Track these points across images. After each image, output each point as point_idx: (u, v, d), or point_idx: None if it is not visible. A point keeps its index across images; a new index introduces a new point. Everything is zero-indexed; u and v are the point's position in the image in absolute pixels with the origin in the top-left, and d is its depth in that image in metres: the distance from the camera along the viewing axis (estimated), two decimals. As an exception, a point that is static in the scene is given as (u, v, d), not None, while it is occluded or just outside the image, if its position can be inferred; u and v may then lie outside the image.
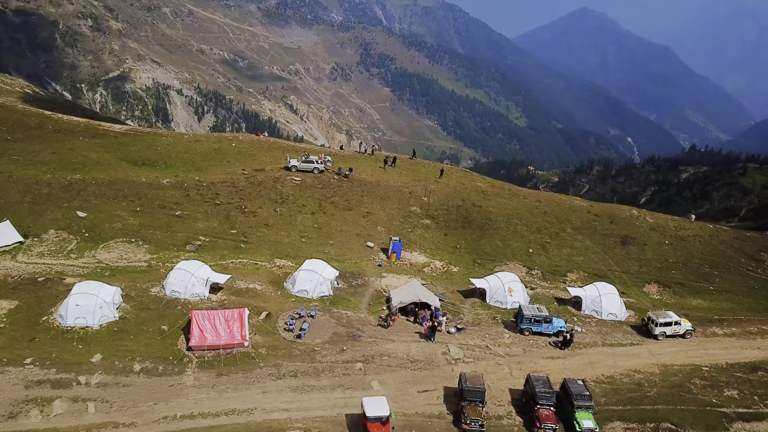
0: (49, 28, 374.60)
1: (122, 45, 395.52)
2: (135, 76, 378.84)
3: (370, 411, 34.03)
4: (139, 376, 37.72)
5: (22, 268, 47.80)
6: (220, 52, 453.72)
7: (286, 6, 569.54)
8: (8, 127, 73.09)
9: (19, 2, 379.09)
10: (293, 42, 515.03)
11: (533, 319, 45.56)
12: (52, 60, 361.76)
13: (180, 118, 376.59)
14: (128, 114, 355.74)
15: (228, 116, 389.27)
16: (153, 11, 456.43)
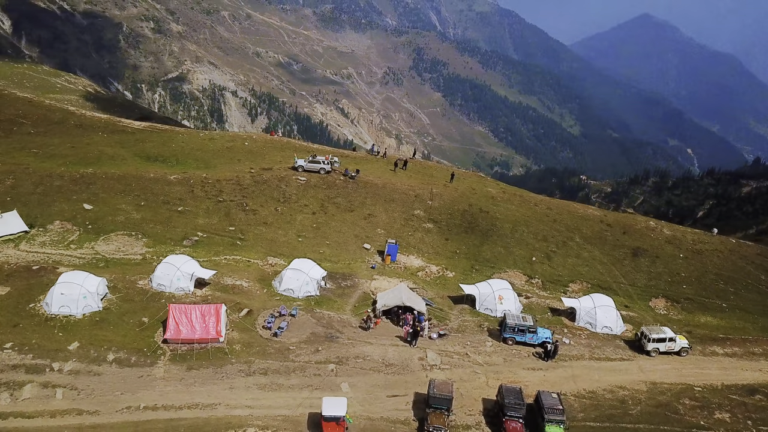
0: (113, 30, 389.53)
1: (182, 47, 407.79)
2: (192, 77, 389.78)
3: (327, 410, 33.93)
4: (112, 365, 38.33)
5: (21, 257, 49.39)
6: (275, 55, 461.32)
7: (341, 10, 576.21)
8: (32, 121, 76.03)
9: (87, 5, 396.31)
10: (347, 46, 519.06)
11: (517, 328, 44.26)
12: (116, 61, 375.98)
13: (234, 119, 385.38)
14: (185, 114, 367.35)
15: (280, 118, 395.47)
16: (212, 14, 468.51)
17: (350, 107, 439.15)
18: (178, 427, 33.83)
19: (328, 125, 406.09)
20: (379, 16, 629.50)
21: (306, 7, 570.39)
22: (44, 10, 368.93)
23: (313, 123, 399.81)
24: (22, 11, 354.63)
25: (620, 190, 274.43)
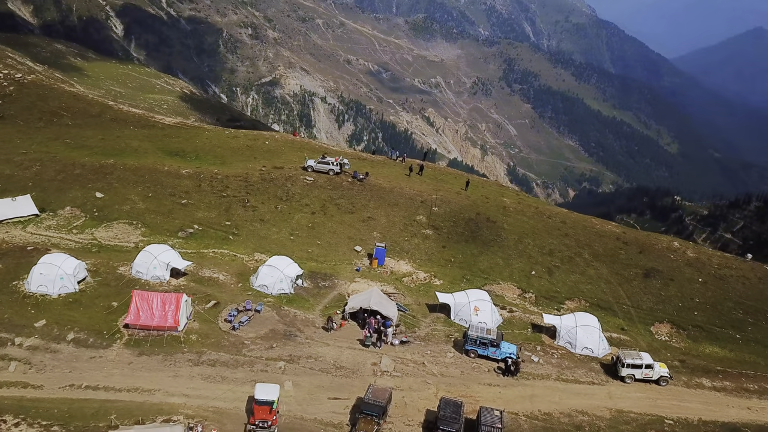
0: (214, 36, 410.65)
1: (276, 53, 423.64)
2: (285, 82, 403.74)
3: (260, 395, 34.49)
4: (69, 344, 39.89)
5: (23, 237, 52.42)
6: (365, 63, 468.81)
7: (433, 20, 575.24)
8: (72, 113, 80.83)
9: (191, 12, 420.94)
10: (436, 55, 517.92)
11: (479, 340, 42.45)
12: (214, 64, 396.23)
13: (321, 125, 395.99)
14: (275, 118, 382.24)
15: (366, 125, 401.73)
16: (307, 22, 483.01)
17: (436, 116, 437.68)
18: (110, 409, 34.62)
19: (412, 134, 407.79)
20: (472, 26, 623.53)
21: (398, 16, 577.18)
22: (153, 15, 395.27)
23: (398, 131, 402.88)
24: (134, 17, 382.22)
25: (718, 213, 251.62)
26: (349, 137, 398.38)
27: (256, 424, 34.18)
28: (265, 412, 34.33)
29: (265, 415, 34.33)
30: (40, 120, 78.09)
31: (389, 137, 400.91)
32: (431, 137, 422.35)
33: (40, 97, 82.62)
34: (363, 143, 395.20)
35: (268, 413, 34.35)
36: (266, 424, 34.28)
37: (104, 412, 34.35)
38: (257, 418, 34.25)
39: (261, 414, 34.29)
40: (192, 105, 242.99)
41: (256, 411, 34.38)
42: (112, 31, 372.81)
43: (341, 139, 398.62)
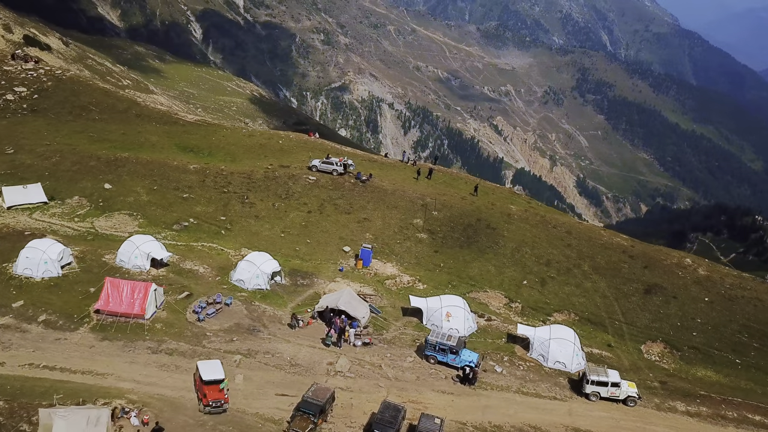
0: (287, 41, 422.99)
1: (347, 58, 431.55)
2: (353, 88, 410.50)
3: (206, 375, 35.37)
4: (39, 326, 41.55)
5: (26, 223, 55.10)
6: (434, 70, 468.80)
7: (506, 28, 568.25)
8: (101, 108, 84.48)
9: (267, 17, 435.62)
10: (508, 63, 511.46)
11: (438, 346, 41.43)
12: (286, 69, 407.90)
13: (387, 130, 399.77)
14: (342, 123, 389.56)
15: (432, 132, 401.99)
16: (379, 29, 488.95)
17: (505, 125, 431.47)
18: (59, 389, 35.65)
19: (479, 141, 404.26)
20: (546, 35, 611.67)
21: (471, 23, 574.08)
22: (230, 20, 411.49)
23: (464, 138, 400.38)
24: (212, 21, 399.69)
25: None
26: (415, 143, 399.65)
27: (210, 404, 34.91)
28: (216, 391, 35.18)
29: (217, 395, 35.15)
30: (70, 114, 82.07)
31: (455, 145, 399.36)
32: (498, 146, 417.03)
33: (74, 93, 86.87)
34: (428, 150, 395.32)
35: (219, 392, 35.21)
36: (220, 404, 35.16)
37: (53, 391, 35.33)
38: (210, 398, 34.96)
39: (213, 394, 35.07)
40: (260, 107, 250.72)
41: (207, 392, 35.07)
42: (192, 35, 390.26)
43: (406, 145, 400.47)
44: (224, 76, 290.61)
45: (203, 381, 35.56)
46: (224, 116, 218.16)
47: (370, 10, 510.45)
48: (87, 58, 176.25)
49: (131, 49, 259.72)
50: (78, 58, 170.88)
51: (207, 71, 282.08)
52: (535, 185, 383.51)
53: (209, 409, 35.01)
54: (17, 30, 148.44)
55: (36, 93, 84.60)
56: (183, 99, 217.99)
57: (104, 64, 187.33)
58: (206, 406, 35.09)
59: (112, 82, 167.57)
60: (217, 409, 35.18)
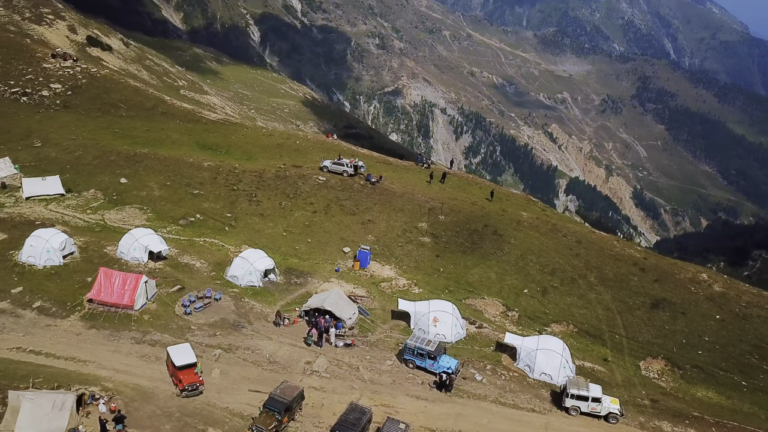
0: (343, 45, 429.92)
1: (401, 63, 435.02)
2: (406, 92, 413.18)
3: (179, 360, 36.63)
4: (33, 312, 43.07)
5: (40, 213, 57.23)
6: (489, 76, 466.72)
7: (564, 34, 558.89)
8: (129, 106, 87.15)
9: (323, 21, 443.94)
10: (565, 70, 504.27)
11: (416, 351, 40.84)
12: (341, 73, 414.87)
13: (439, 135, 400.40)
14: (394, 127, 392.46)
15: (485, 138, 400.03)
16: (434, 34, 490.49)
17: (559, 133, 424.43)
18: (39, 373, 36.84)
19: (532, 149, 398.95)
20: (606, 41, 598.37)
21: (528, 29, 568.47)
22: (288, 24, 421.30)
23: (517, 145, 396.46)
24: (270, 25, 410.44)
25: None
26: (466, 149, 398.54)
27: (186, 388, 36.05)
28: (190, 374, 36.37)
29: (192, 378, 36.34)
30: (99, 110, 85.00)
31: (508, 151, 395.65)
32: (552, 153, 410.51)
33: (105, 90, 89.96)
34: (480, 156, 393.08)
35: (194, 375, 36.44)
36: (196, 386, 36.39)
37: (34, 375, 36.57)
38: (186, 383, 36.09)
39: (188, 378, 36.24)
40: (312, 110, 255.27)
41: (182, 377, 36.19)
42: (250, 38, 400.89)
43: (458, 150, 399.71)
44: (278, 78, 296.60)
45: (176, 367, 36.65)
46: (276, 118, 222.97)
47: (426, 15, 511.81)
48: (146, 58, 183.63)
49: (190, 51, 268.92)
50: (137, 59, 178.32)
51: (262, 73, 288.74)
52: (589, 195, 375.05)
53: (186, 393, 36.20)
54: (81, 31, 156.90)
55: (70, 90, 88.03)
56: (237, 100, 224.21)
57: (162, 65, 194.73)
58: (183, 390, 36.24)
59: (168, 82, 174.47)
60: (194, 392, 36.47)
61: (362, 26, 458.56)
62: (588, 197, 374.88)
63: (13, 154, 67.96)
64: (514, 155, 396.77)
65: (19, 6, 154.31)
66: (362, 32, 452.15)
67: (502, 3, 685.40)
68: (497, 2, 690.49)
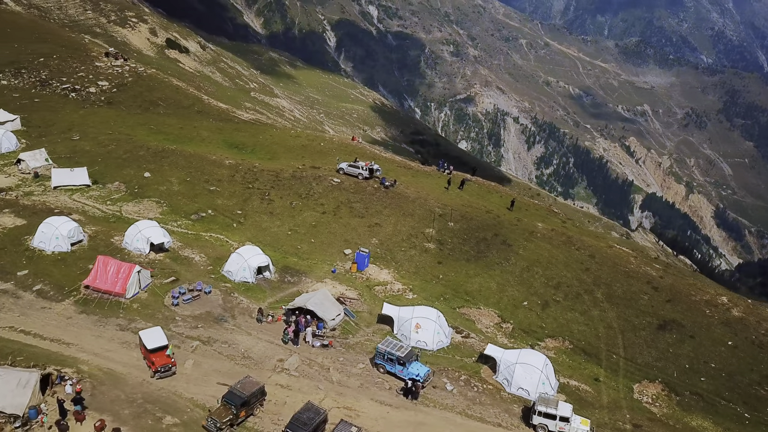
0: (416, 51, 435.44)
1: (474, 71, 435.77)
2: (479, 100, 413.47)
3: (150, 344, 38.25)
4: (32, 294, 45.36)
5: (62, 202, 60.26)
6: (565, 86, 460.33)
7: (648, 44, 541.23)
8: (167, 104, 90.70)
9: (399, 28, 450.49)
10: (646, 82, 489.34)
11: (386, 356, 40.38)
12: (413, 79, 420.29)
13: (510, 144, 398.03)
14: (464, 134, 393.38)
15: (557, 149, 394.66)
16: (510, 42, 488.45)
17: (637, 146, 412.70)
18: (24, 352, 38.78)
19: (607, 162, 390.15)
20: (693, 53, 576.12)
21: (609, 39, 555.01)
22: (363, 30, 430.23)
23: (592, 158, 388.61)
24: (346, 31, 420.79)
25: None
26: (538, 159, 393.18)
27: (159, 370, 37.57)
28: (161, 357, 37.88)
29: (164, 361, 37.88)
30: (140, 107, 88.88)
31: (581, 163, 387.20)
32: (629, 167, 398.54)
33: (148, 88, 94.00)
34: (552, 167, 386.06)
35: (166, 357, 37.99)
36: (168, 368, 37.92)
37: (18, 353, 38.58)
38: (158, 364, 37.62)
39: (159, 360, 37.76)
40: (381, 115, 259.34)
41: (155, 359, 37.76)
42: (326, 44, 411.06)
43: (529, 161, 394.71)
44: (349, 83, 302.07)
45: (148, 350, 38.17)
46: (345, 122, 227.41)
47: (503, 23, 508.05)
48: (220, 61, 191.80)
49: (266, 55, 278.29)
50: (212, 61, 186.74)
51: (333, 78, 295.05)
52: (666, 212, 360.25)
53: (159, 375, 37.70)
54: (161, 34, 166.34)
55: (115, 87, 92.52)
56: (307, 104, 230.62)
57: (235, 67, 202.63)
58: (156, 372, 37.70)
59: (240, 84, 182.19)
60: (166, 373, 37.99)
61: (437, 33, 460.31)
62: (665, 214, 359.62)
63: (52, 146, 71.99)
64: (588, 168, 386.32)
65: (106, 9, 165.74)
66: (437, 39, 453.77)
67: (583, 12, 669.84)
68: (578, 11, 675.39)
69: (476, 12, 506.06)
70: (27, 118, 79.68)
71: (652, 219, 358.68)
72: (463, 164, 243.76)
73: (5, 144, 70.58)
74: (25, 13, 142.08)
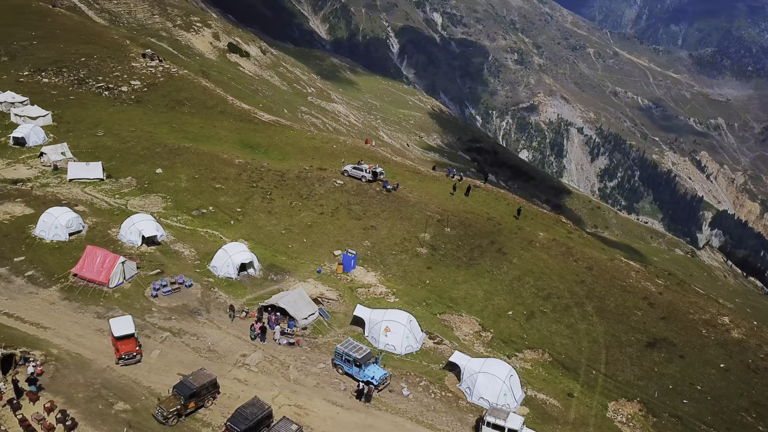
0: (480, 59, 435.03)
1: (538, 79, 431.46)
2: (542, 110, 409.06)
3: (118, 331, 39.68)
4: (23, 279, 47.64)
5: (72, 194, 62.98)
6: (633, 97, 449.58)
7: (725, 55, 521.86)
8: (193, 103, 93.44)
9: (463, 35, 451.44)
10: (721, 94, 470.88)
11: (344, 356, 40.30)
12: (475, 87, 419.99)
13: (573, 155, 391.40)
14: (526, 144, 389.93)
15: (623, 161, 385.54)
16: (577, 51, 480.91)
17: (709, 161, 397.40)
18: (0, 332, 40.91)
19: (676, 176, 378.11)
20: None
21: (683, 49, 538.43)
22: (426, 37, 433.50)
23: (659, 172, 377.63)
24: (410, 37, 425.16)
25: None
26: (601, 171, 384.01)
27: (123, 357, 38.98)
28: (127, 344, 39.29)
29: (129, 348, 39.27)
30: (166, 106, 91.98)
31: (647, 177, 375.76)
32: (699, 183, 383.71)
33: (177, 88, 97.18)
34: (616, 180, 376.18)
35: (132, 344, 39.37)
36: (132, 356, 39.25)
37: (-5, 334, 40.78)
38: (123, 351, 39.06)
39: (125, 347, 39.18)
40: (438, 122, 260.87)
41: (120, 346, 39.20)
42: (389, 50, 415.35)
43: (592, 172, 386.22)
44: (408, 90, 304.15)
45: (116, 337, 39.53)
46: (401, 129, 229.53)
47: (570, 31, 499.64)
48: (280, 66, 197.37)
49: (328, 61, 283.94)
50: (272, 66, 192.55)
51: (393, 84, 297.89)
52: (737, 231, 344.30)
53: (123, 362, 39.05)
54: (224, 38, 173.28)
55: (146, 87, 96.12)
56: (365, 110, 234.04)
57: (294, 72, 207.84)
58: (120, 359, 39.07)
59: (297, 89, 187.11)
60: (130, 360, 39.27)
61: (501, 41, 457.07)
62: (736, 233, 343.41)
63: (76, 141, 75.44)
64: (655, 182, 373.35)
65: (172, 14, 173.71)
66: (501, 47, 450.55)
67: (656, 21, 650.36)
68: (651, 20, 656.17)
69: (543, 20, 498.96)
70: (59, 114, 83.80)
71: (722, 237, 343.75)
72: (521, 174, 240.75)
73: (33, 138, 74.37)
74: (97, 16, 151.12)
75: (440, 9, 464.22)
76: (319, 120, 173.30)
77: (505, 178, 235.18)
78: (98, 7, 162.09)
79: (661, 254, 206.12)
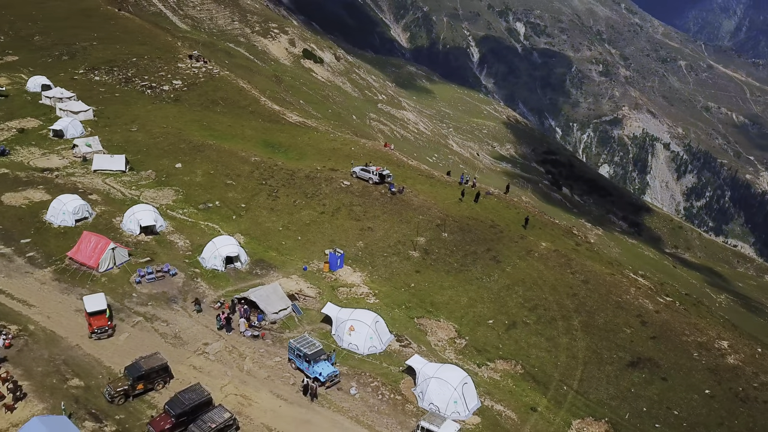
0: (562, 69, 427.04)
1: (623, 92, 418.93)
2: (626, 123, 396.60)
3: (90, 307, 42.49)
4: (23, 259, 50.85)
5: (92, 184, 66.59)
6: (727, 113, 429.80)
7: None
8: (226, 103, 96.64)
9: (546, 45, 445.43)
10: None
11: (296, 351, 40.66)
12: (556, 98, 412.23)
13: (657, 171, 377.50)
14: (607, 158, 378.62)
15: (712, 180, 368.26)
16: (668, 63, 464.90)
17: None
18: (-9, 308, 44.08)
19: None
20: None
21: None
22: (508, 47, 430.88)
23: (753, 193, 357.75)
24: (490, 47, 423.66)
25: None
26: (688, 190, 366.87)
27: (95, 331, 41.48)
28: (99, 320, 41.93)
29: (101, 323, 41.86)
30: (201, 105, 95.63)
31: (739, 198, 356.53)
32: None
33: (214, 88, 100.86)
34: (703, 199, 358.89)
35: (103, 320, 41.99)
36: (104, 330, 41.84)
37: (-18, 308, 43.87)
38: (95, 326, 41.62)
39: (97, 322, 41.80)
40: (513, 132, 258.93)
41: (92, 321, 41.84)
42: (469, 59, 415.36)
43: (678, 191, 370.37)
44: (483, 99, 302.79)
45: (88, 313, 42.16)
46: (473, 138, 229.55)
47: (661, 43, 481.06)
48: (353, 72, 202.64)
49: (404, 69, 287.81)
50: (344, 72, 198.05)
51: (468, 93, 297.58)
52: None
53: (96, 336, 41.60)
54: (299, 44, 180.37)
55: (186, 86, 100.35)
56: (438, 118, 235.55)
57: (367, 79, 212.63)
58: (92, 333, 41.61)
59: (368, 95, 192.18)
60: (102, 334, 41.82)
61: (586, 52, 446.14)
62: None
63: (110, 135, 79.80)
64: (747, 203, 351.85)
65: (251, 21, 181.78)
66: (585, 58, 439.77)
67: (757, 33, 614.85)
68: (751, 32, 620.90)
69: (632, 31, 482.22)
70: (101, 110, 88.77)
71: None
72: (597, 188, 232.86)
73: (71, 131, 79.14)
74: (181, 22, 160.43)
75: (524, 19, 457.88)
76: (387, 127, 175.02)
77: (581, 192, 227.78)
78: (182, 13, 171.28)
79: (746, 280, 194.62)
